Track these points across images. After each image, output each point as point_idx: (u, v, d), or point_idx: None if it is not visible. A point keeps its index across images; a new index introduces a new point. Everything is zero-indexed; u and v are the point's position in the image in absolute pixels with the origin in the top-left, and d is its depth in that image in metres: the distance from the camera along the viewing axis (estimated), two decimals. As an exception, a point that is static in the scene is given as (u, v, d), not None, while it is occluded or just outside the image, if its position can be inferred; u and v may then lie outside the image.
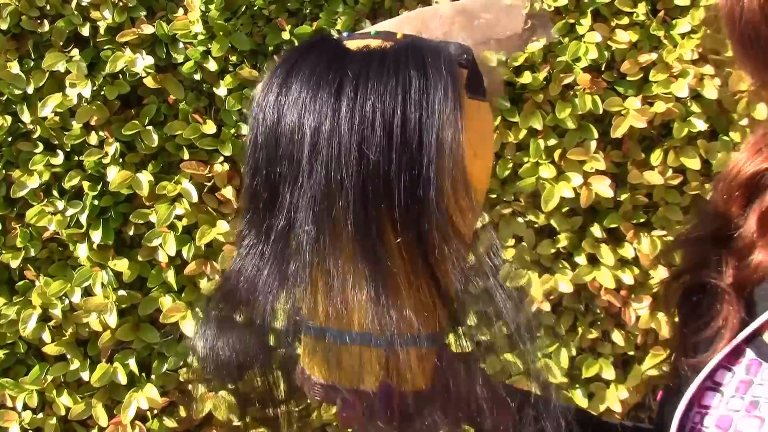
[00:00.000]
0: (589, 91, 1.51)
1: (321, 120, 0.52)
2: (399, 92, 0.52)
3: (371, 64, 0.53)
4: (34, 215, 1.52)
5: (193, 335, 0.61)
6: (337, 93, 0.52)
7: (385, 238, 0.53)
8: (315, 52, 0.56)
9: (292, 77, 0.55)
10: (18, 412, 1.54)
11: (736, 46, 0.58)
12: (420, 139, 0.51)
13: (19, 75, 1.51)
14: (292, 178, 0.54)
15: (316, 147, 0.52)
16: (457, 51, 0.56)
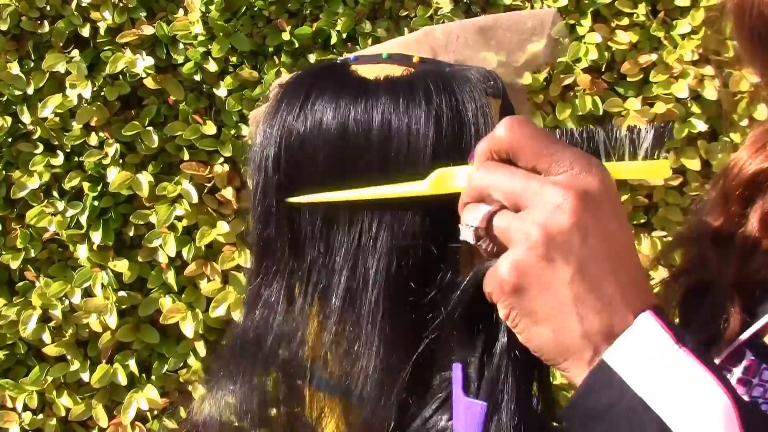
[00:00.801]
0: (590, 91, 1.51)
1: (354, 158, 0.47)
2: (432, 122, 0.47)
3: (399, 91, 0.48)
4: (34, 216, 1.52)
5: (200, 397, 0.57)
6: (369, 124, 0.47)
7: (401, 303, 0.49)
8: (332, 77, 0.51)
9: (311, 103, 0.49)
10: (18, 413, 1.54)
11: (744, 42, 0.57)
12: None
13: (19, 76, 1.51)
14: (320, 226, 0.48)
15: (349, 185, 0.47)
16: (484, 77, 0.52)
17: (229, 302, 1.49)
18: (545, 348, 0.42)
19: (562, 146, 0.42)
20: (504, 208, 0.42)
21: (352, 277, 0.48)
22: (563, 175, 0.41)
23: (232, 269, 1.52)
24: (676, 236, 0.73)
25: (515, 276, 0.41)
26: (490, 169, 0.43)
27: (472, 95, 0.49)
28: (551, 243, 0.40)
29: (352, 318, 0.49)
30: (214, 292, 1.51)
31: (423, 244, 0.48)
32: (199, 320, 1.50)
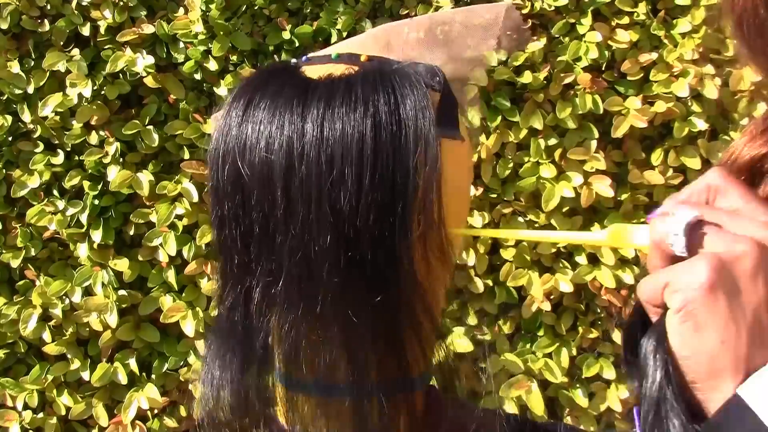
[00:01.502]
0: (590, 90, 1.51)
1: (290, 158, 0.47)
2: (368, 127, 0.47)
3: (337, 90, 0.49)
4: (34, 215, 1.52)
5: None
6: (301, 131, 0.47)
7: (358, 292, 0.49)
8: (274, 83, 0.51)
9: (251, 112, 0.50)
10: (18, 412, 1.54)
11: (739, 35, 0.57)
12: (393, 180, 0.47)
13: (19, 74, 1.51)
14: (263, 230, 0.49)
15: (288, 194, 0.47)
16: (428, 73, 0.52)
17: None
18: (702, 357, 0.42)
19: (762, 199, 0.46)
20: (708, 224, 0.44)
21: (301, 271, 0.49)
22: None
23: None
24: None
25: (717, 273, 0.41)
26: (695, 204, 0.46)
27: (411, 91, 0.49)
28: (761, 259, 0.41)
29: (306, 313, 0.50)
30: (215, 291, 1.51)
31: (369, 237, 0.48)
32: (200, 319, 1.50)
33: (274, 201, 0.48)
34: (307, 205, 0.47)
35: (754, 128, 0.64)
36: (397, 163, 0.47)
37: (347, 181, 0.47)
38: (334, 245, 0.47)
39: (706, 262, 0.41)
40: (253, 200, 0.49)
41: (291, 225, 0.48)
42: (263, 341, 0.52)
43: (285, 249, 0.48)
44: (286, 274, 0.49)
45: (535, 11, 1.54)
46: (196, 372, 1.54)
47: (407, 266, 0.49)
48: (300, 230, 0.47)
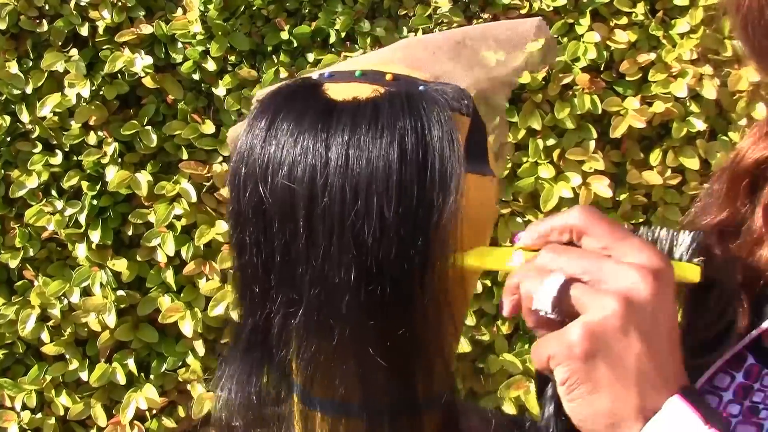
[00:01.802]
0: (588, 91, 1.51)
1: (313, 187, 0.46)
2: (395, 157, 0.45)
3: (364, 116, 0.47)
4: (32, 215, 1.52)
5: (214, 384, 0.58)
6: (325, 159, 0.46)
7: (375, 328, 0.48)
8: (297, 103, 0.49)
9: (273, 133, 0.48)
10: (17, 412, 1.54)
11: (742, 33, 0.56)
12: (416, 213, 0.46)
13: (17, 75, 1.51)
14: (284, 258, 0.48)
15: (310, 224, 0.46)
16: (457, 95, 0.50)
17: (228, 301, 1.49)
18: (597, 418, 0.43)
19: (630, 233, 0.46)
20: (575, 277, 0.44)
21: (320, 303, 0.48)
22: (637, 258, 0.43)
23: (230, 268, 1.52)
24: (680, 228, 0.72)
25: (588, 341, 0.42)
26: (560, 249, 0.45)
27: (439, 119, 0.47)
28: (629, 315, 0.42)
29: (323, 344, 0.49)
30: (213, 291, 1.51)
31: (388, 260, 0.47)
32: (198, 319, 1.50)
33: (296, 230, 0.47)
34: (329, 236, 0.46)
35: (758, 130, 0.64)
36: (422, 197, 0.46)
37: (371, 213, 0.45)
38: (355, 278, 0.46)
39: (577, 332, 0.42)
40: (275, 227, 0.48)
41: (312, 255, 0.47)
42: (281, 363, 0.52)
43: (306, 279, 0.47)
44: (305, 304, 0.48)
45: (534, 11, 1.54)
46: (194, 372, 1.54)
47: (425, 302, 0.48)
48: (321, 261, 0.46)
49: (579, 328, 0.42)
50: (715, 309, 0.61)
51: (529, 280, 0.45)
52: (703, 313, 0.62)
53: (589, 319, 0.42)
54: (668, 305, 0.44)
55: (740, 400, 0.56)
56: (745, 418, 0.55)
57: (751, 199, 0.62)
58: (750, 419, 0.55)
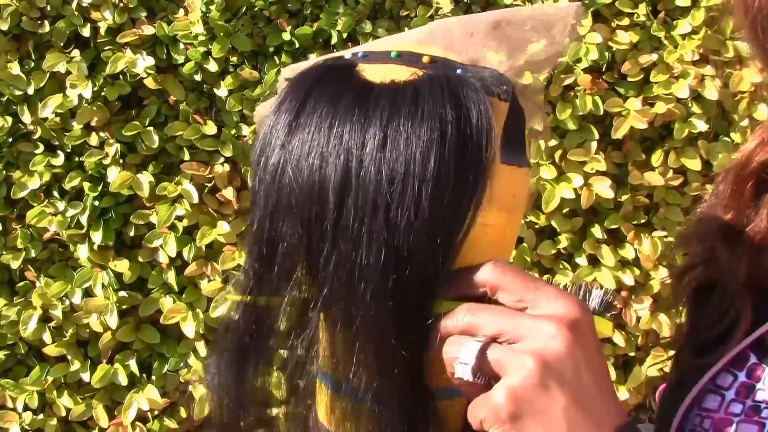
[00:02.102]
0: (590, 91, 1.51)
1: (347, 171, 0.45)
2: (434, 144, 0.45)
3: (402, 101, 0.46)
4: (34, 216, 1.52)
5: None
6: (362, 138, 0.45)
7: (396, 318, 0.47)
8: (331, 84, 0.48)
9: (307, 112, 0.47)
10: (18, 413, 1.54)
11: (750, 35, 0.56)
12: (450, 201, 0.45)
13: (19, 76, 1.51)
14: (308, 241, 0.46)
15: (340, 208, 0.45)
16: (495, 80, 0.49)
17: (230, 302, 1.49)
18: None
19: (544, 283, 0.46)
20: (492, 341, 0.45)
21: (343, 289, 0.46)
22: (552, 309, 0.44)
23: (232, 269, 1.52)
24: (681, 234, 0.72)
25: (512, 403, 0.43)
26: (476, 309, 0.46)
27: (478, 106, 0.46)
28: (546, 371, 0.43)
29: (341, 332, 0.48)
30: (215, 292, 1.51)
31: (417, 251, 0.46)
32: (200, 320, 1.50)
33: (324, 213, 0.45)
34: (361, 219, 0.45)
35: (763, 132, 0.64)
36: (459, 184, 0.45)
37: (406, 198, 0.44)
38: (383, 263, 0.45)
39: (501, 396, 0.43)
40: (301, 210, 0.46)
41: (340, 238, 0.45)
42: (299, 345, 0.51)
43: (330, 262, 0.46)
44: (327, 289, 0.46)
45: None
46: (196, 373, 1.54)
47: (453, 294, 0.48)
48: (349, 245, 0.45)
49: (502, 391, 0.43)
50: (718, 309, 0.61)
51: (450, 346, 0.46)
52: (706, 313, 0.62)
53: (509, 382, 0.43)
54: (589, 352, 0.44)
55: (742, 399, 0.57)
56: (747, 417, 0.56)
57: (756, 201, 0.62)
58: (752, 418, 0.55)
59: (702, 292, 0.64)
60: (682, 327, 0.66)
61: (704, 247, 0.65)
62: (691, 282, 0.66)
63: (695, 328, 0.63)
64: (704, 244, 0.65)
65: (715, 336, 0.60)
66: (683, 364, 0.62)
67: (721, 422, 0.57)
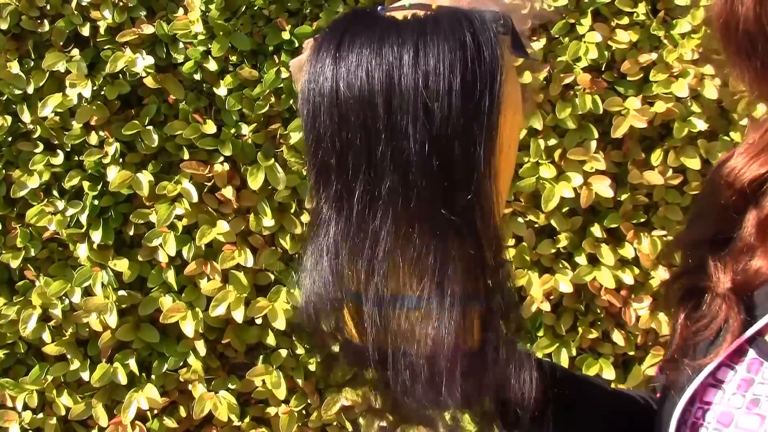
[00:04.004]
0: (590, 91, 1.51)
1: (390, 80, 0.54)
2: (458, 50, 0.54)
3: (426, 26, 0.56)
4: (34, 215, 1.52)
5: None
6: (399, 54, 0.54)
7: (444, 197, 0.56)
8: (363, 21, 0.58)
9: (347, 45, 0.56)
10: (18, 412, 1.54)
11: (732, 57, 0.58)
12: (478, 92, 0.55)
13: (19, 75, 1.51)
14: (363, 143, 0.55)
15: (389, 109, 0.54)
16: (495, 18, 0.59)
17: (229, 301, 1.50)
18: None
19: None
20: None
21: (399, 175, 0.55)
22: None
23: (232, 268, 1.52)
24: (676, 238, 0.74)
25: None
26: None
27: (487, 27, 0.56)
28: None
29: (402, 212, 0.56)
30: (214, 291, 1.51)
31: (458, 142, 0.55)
32: (199, 319, 1.50)
33: (375, 116, 0.54)
34: (405, 118, 0.54)
35: (749, 148, 0.65)
36: (481, 80, 0.55)
37: (440, 94, 0.54)
38: (428, 150, 0.54)
39: None
40: (356, 117, 0.55)
41: (391, 135, 0.54)
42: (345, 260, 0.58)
43: (385, 156, 0.55)
44: (384, 179, 0.55)
45: (535, 11, 1.54)
46: (195, 372, 1.54)
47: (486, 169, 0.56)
48: (398, 138, 0.54)
49: None
50: (708, 314, 0.63)
51: None
52: (696, 318, 0.64)
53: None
54: None
55: (743, 392, 0.58)
56: (748, 410, 0.57)
57: (742, 213, 0.64)
58: (753, 411, 0.57)
59: (692, 297, 0.66)
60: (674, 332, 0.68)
61: (693, 255, 0.67)
62: (682, 287, 0.68)
63: (687, 334, 0.65)
64: (693, 252, 0.67)
65: (706, 340, 0.62)
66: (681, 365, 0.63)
67: (723, 415, 0.58)
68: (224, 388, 1.56)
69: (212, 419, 1.56)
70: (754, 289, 0.61)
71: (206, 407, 1.51)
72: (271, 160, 1.50)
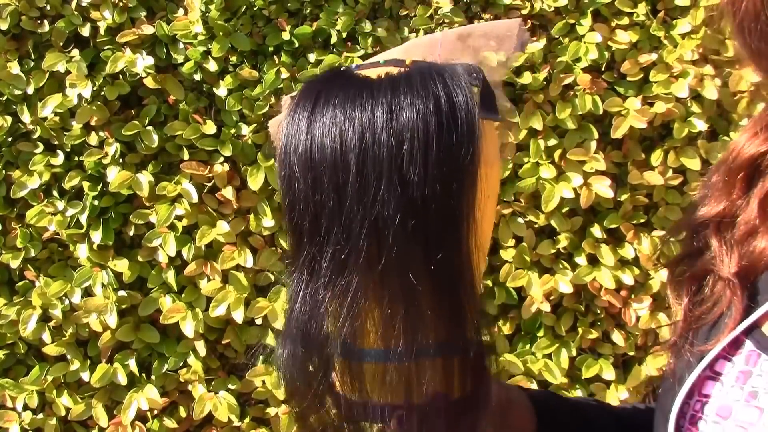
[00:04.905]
0: (590, 91, 1.51)
1: (363, 142, 0.54)
2: (431, 110, 0.54)
3: (399, 84, 0.56)
4: (34, 215, 1.52)
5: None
6: (372, 115, 0.54)
7: (419, 257, 0.56)
8: (338, 81, 0.58)
9: (321, 105, 0.56)
10: (18, 413, 1.54)
11: (740, 37, 0.58)
12: (454, 152, 0.54)
13: (19, 75, 1.51)
14: (335, 205, 0.55)
15: (361, 172, 0.54)
16: (467, 71, 0.59)
17: (229, 302, 1.50)
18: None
19: None
20: None
21: (370, 236, 0.55)
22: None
23: (232, 269, 1.52)
24: (676, 224, 0.73)
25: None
26: None
27: (460, 83, 0.56)
28: None
29: (372, 273, 0.56)
30: (214, 292, 1.51)
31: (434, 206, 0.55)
32: (199, 320, 1.50)
33: (347, 179, 0.54)
34: (379, 179, 0.54)
35: (754, 125, 0.65)
36: (456, 139, 0.55)
37: (415, 156, 0.54)
38: (402, 212, 0.54)
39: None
40: (326, 180, 0.55)
41: (364, 198, 0.54)
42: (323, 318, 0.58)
43: (356, 219, 0.55)
44: (354, 240, 0.55)
45: (535, 12, 1.54)
46: (195, 373, 1.54)
47: (463, 230, 0.56)
48: (371, 201, 0.54)
49: None
50: (710, 298, 0.62)
51: None
52: (699, 302, 0.64)
53: None
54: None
55: (741, 385, 0.58)
56: (746, 403, 0.57)
57: (746, 192, 0.63)
58: (751, 403, 0.57)
59: (695, 281, 0.65)
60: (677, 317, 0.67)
61: (697, 238, 0.66)
62: (685, 271, 0.67)
63: (689, 318, 0.64)
64: (697, 235, 0.67)
65: (708, 324, 0.61)
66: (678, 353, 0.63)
67: (722, 408, 0.58)
68: (224, 389, 1.56)
69: (212, 419, 1.55)
70: (759, 272, 0.60)
71: (206, 407, 1.51)
72: (271, 161, 1.50)
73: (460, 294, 0.57)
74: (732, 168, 0.64)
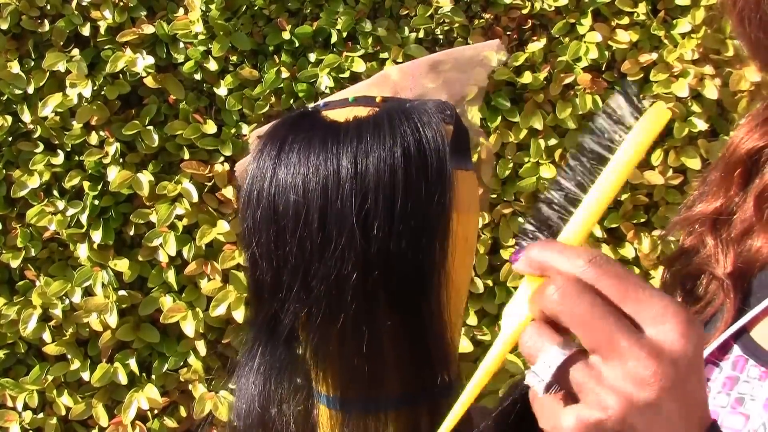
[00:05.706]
0: (590, 90, 1.51)
1: (327, 195, 0.51)
2: (398, 160, 0.51)
3: (366, 130, 0.53)
4: (34, 215, 1.52)
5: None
6: (337, 164, 0.51)
7: (381, 313, 0.53)
8: (303, 126, 0.55)
9: (286, 154, 0.54)
10: (18, 412, 1.54)
11: (738, 27, 0.57)
12: (423, 203, 0.52)
13: (19, 75, 1.51)
14: (297, 260, 0.53)
15: (324, 227, 0.51)
16: (439, 108, 0.57)
17: (230, 301, 1.49)
18: None
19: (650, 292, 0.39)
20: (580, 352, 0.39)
21: (330, 293, 0.52)
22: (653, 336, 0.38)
23: (232, 268, 1.52)
24: (677, 218, 0.72)
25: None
26: (573, 292, 0.39)
27: (430, 125, 0.53)
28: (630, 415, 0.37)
29: (332, 329, 0.53)
30: (215, 291, 1.51)
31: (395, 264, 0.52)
32: (200, 319, 1.50)
33: (310, 234, 0.52)
34: (340, 236, 0.51)
35: (751, 120, 0.65)
36: (425, 192, 0.52)
37: (380, 211, 0.51)
38: (364, 268, 0.51)
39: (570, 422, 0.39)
40: (288, 235, 0.53)
41: (325, 254, 0.52)
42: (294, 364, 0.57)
43: (317, 276, 0.52)
44: (315, 296, 0.53)
45: (535, 11, 1.54)
46: (195, 372, 1.54)
47: (434, 280, 0.53)
48: (332, 258, 0.51)
49: (572, 418, 0.38)
50: (704, 297, 0.62)
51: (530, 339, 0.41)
52: (693, 301, 0.63)
53: (584, 415, 0.38)
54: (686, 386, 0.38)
55: (728, 391, 0.58)
56: (732, 409, 0.57)
57: (744, 188, 0.63)
58: (737, 410, 0.57)
59: (690, 279, 0.65)
60: None
61: (693, 236, 0.66)
62: (680, 270, 0.67)
63: None
64: (693, 233, 0.66)
65: (702, 322, 0.61)
66: None
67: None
68: (224, 388, 1.56)
69: (212, 419, 1.56)
70: (754, 273, 0.60)
71: (206, 407, 1.51)
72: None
73: (427, 344, 0.54)
74: (729, 163, 0.64)
